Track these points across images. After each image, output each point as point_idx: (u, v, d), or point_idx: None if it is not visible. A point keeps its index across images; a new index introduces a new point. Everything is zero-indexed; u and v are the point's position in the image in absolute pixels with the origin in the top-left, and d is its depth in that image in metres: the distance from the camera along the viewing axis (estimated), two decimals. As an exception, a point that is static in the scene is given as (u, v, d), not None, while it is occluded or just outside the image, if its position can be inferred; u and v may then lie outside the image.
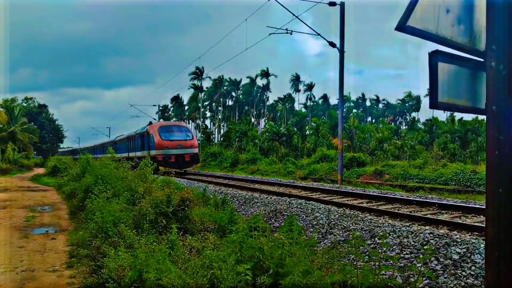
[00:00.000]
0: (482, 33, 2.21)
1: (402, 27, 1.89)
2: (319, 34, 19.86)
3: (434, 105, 1.87)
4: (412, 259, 5.59)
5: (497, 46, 2.12)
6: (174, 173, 19.71)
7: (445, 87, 1.95)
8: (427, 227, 6.69)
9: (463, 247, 5.53)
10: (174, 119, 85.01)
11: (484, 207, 2.05)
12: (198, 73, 75.30)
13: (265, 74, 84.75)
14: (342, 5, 19.02)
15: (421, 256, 5.56)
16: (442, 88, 1.92)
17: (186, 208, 7.50)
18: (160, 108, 62.27)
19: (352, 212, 8.31)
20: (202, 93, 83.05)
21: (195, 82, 77.33)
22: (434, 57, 1.92)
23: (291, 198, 10.75)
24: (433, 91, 1.88)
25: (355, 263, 4.12)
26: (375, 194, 12.06)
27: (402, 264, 5.38)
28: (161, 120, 63.03)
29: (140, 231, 6.74)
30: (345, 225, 7.58)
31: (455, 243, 5.68)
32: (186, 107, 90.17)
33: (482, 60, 2.16)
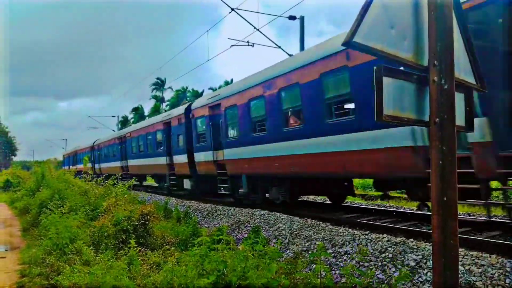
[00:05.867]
0: (425, 49, 2.33)
1: (349, 42, 1.97)
2: (279, 47, 20.22)
3: (379, 117, 1.95)
4: (371, 267, 5.72)
5: (438, 61, 2.25)
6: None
7: (391, 101, 2.04)
8: (385, 235, 6.88)
9: (419, 253, 5.72)
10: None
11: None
12: (160, 84, 74.38)
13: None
14: (302, 19, 19.51)
15: (379, 264, 5.72)
16: (387, 101, 2.01)
17: (146, 223, 7.33)
18: (120, 119, 60.79)
19: (313, 222, 8.42)
20: (164, 104, 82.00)
21: (157, 93, 76.28)
22: (379, 72, 2.01)
23: (254, 210, 10.75)
24: (379, 105, 1.96)
25: (317, 273, 4.17)
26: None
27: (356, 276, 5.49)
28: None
29: (98, 247, 6.52)
30: (307, 235, 7.67)
31: (411, 250, 5.87)
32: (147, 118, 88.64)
33: (425, 75, 2.28)
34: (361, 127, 7.72)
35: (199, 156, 14.90)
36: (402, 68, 2.28)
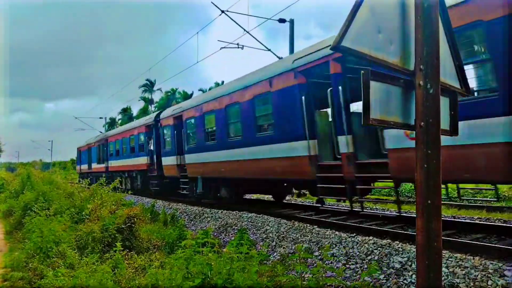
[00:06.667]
0: (411, 54, 2.36)
1: (337, 46, 1.98)
2: (269, 50, 20.26)
3: (366, 121, 1.96)
4: (357, 269, 5.75)
5: (425, 66, 2.28)
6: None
7: (377, 105, 2.06)
8: (371, 238, 6.93)
9: (405, 256, 5.77)
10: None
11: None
12: (149, 85, 73.87)
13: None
14: (292, 22, 19.59)
15: (365, 266, 5.76)
16: (374, 105, 2.02)
17: (132, 225, 7.25)
18: (108, 121, 60.13)
19: (300, 225, 8.44)
20: (153, 105, 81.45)
21: (146, 94, 75.70)
22: (366, 76, 2.02)
23: (242, 212, 10.73)
24: (366, 109, 1.97)
25: (302, 275, 4.18)
26: (323, 207, 12.32)
27: (348, 275, 5.52)
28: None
29: (83, 250, 6.42)
30: (294, 237, 7.67)
31: (397, 252, 5.92)
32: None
33: (411, 79, 2.31)
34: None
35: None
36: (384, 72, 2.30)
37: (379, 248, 6.17)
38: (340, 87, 8.33)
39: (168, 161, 16.74)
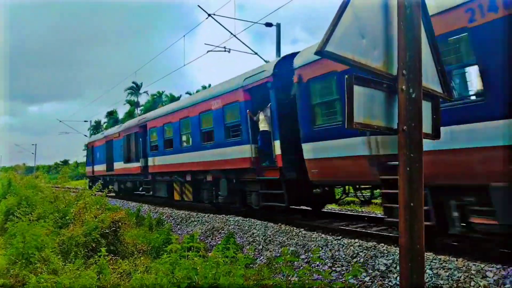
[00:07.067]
0: (394, 59, 2.39)
1: (321, 51, 2.00)
2: (256, 53, 20.30)
3: (350, 125, 1.99)
4: (343, 272, 5.79)
5: (407, 71, 2.32)
6: None
7: (361, 109, 2.09)
8: (357, 240, 6.98)
9: (390, 258, 5.83)
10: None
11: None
12: (135, 88, 73.27)
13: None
14: (278, 26, 19.67)
15: (351, 268, 5.79)
16: (358, 109, 2.05)
17: (117, 230, 7.17)
18: (93, 124, 59.42)
19: (287, 228, 8.46)
20: (139, 109, 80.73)
21: (132, 97, 75.01)
22: (350, 81, 2.05)
23: (229, 216, 10.70)
24: (350, 113, 2.00)
25: (289, 278, 4.19)
26: (308, 209, 12.38)
27: (334, 278, 5.55)
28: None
29: (67, 256, 6.32)
30: (280, 241, 7.68)
31: (382, 255, 5.98)
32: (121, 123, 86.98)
33: (394, 83, 2.34)
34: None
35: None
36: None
37: (364, 251, 6.22)
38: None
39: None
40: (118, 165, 21.84)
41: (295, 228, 8.50)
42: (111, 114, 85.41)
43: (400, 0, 2.37)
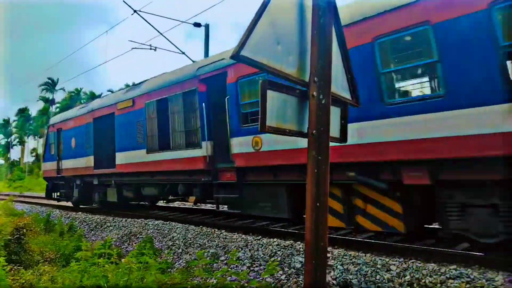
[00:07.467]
0: (307, 66, 2.50)
1: (236, 56, 2.02)
2: (183, 53, 19.97)
3: (263, 128, 2.04)
4: (261, 271, 5.90)
5: (318, 78, 2.43)
6: None
7: (274, 113, 2.15)
8: (275, 240, 7.17)
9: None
10: (16, 135, 74.80)
11: (308, 220, 2.28)
12: (50, 84, 67.84)
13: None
14: (207, 26, 19.60)
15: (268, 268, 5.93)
16: (271, 113, 2.11)
17: (22, 237, 6.57)
18: (1, 121, 53.89)
19: (208, 230, 8.42)
20: (54, 106, 74.88)
21: (47, 94, 69.31)
22: (264, 85, 2.10)
23: (148, 220, 10.37)
24: (263, 116, 2.05)
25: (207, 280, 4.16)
26: (231, 211, 12.44)
27: (252, 277, 5.64)
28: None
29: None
30: (201, 243, 7.62)
31: (298, 253, 6.21)
32: (33, 122, 79.91)
33: (306, 89, 2.45)
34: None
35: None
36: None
37: (282, 249, 6.41)
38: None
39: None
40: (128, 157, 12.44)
41: (216, 229, 8.49)
42: (23, 112, 78.30)
43: (314, 10, 2.49)
